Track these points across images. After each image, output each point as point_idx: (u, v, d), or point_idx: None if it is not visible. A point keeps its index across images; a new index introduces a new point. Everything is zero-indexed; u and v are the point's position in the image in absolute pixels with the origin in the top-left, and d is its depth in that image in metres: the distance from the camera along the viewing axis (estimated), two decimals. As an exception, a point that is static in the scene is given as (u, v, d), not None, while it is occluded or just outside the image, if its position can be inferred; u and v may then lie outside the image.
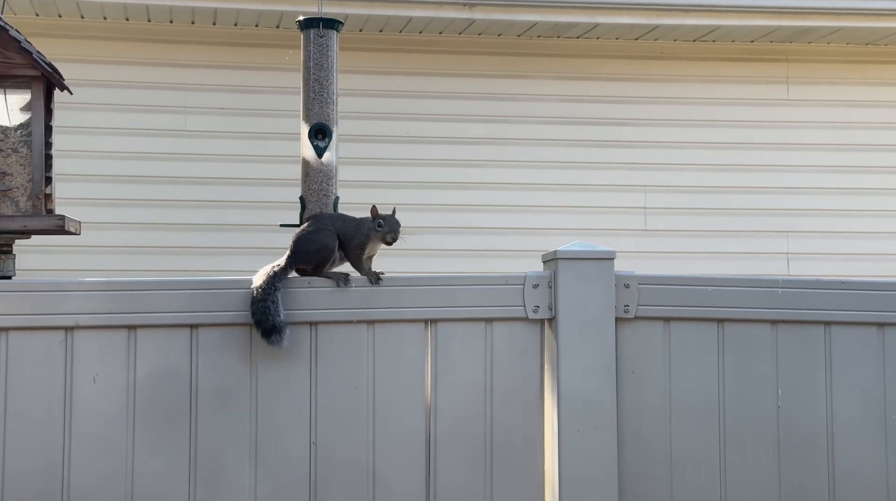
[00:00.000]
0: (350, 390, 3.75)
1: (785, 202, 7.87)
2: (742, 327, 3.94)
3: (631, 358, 3.86)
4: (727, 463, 3.90)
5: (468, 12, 7.25)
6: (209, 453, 3.67)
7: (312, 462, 3.72)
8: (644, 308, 3.87)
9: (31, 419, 3.60)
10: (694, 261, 7.61)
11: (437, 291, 3.83)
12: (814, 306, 3.98)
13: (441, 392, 3.80)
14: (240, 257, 7.01)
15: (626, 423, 3.84)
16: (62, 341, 3.62)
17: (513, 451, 3.82)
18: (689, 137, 7.85)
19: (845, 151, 7.95)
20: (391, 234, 3.85)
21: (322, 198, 4.76)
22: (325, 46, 4.80)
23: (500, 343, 3.84)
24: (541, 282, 3.83)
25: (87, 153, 7.18)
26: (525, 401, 3.84)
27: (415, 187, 7.51)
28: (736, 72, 7.93)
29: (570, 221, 7.58)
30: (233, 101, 7.44)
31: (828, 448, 3.95)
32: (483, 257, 7.49)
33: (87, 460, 3.61)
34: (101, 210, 7.03)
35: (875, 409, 3.98)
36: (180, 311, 3.69)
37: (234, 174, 7.39)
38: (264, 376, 3.72)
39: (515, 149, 7.69)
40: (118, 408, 3.64)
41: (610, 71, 7.83)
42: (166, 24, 7.37)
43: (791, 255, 7.85)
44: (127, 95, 7.35)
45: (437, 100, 7.66)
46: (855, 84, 8.00)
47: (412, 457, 3.78)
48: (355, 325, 3.78)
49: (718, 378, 3.93)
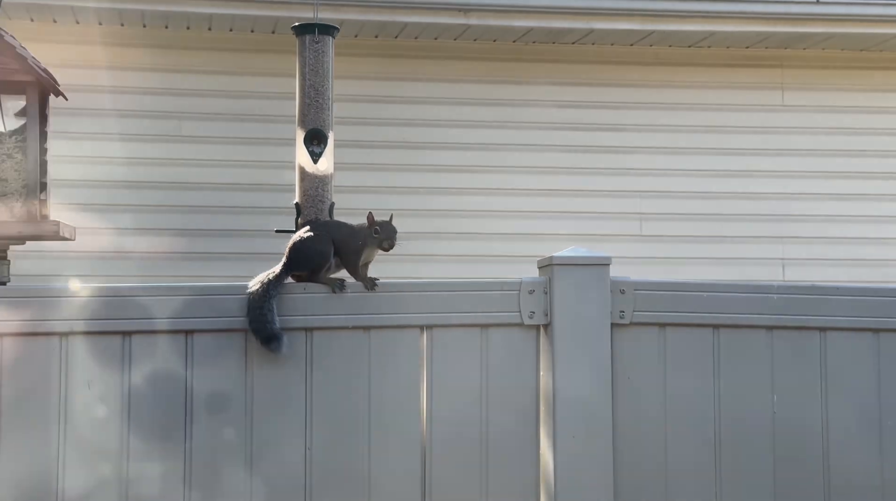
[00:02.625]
0: (346, 395, 3.75)
1: (780, 208, 7.87)
2: (737, 332, 3.94)
3: (626, 364, 3.86)
4: (722, 469, 3.90)
5: (463, 18, 7.25)
6: (204, 459, 3.67)
7: (308, 467, 3.71)
8: (639, 314, 3.87)
9: (25, 424, 3.59)
10: (689, 267, 7.61)
11: (433, 297, 3.83)
12: (809, 312, 3.98)
13: (437, 398, 3.79)
14: (235, 263, 7.01)
15: (622, 429, 3.84)
16: (57, 346, 3.62)
17: (508, 457, 3.82)
18: (685, 142, 7.85)
19: (840, 156, 7.95)
20: (388, 241, 3.85)
21: (317, 204, 4.77)
22: (320, 52, 4.81)
23: (495, 349, 3.83)
24: (536, 288, 3.83)
25: (82, 159, 7.16)
26: (521, 407, 3.83)
27: (410, 193, 7.50)
28: (731, 78, 7.93)
29: (566, 226, 7.57)
30: (228, 106, 7.43)
31: (823, 454, 3.95)
32: (479, 263, 7.48)
33: (81, 465, 3.60)
34: (96, 216, 7.02)
35: (870, 415, 3.98)
36: (175, 317, 3.68)
37: (229, 180, 7.38)
38: (259, 381, 3.71)
39: (511, 154, 7.69)
40: (113, 414, 3.63)
41: (605, 77, 7.83)
42: (161, 29, 7.36)
43: (786, 261, 7.85)
44: (122, 100, 7.34)
45: (432, 105, 7.66)
46: (850, 90, 8.00)
47: (408, 462, 3.77)
48: (351, 331, 3.77)
49: (714, 384, 3.92)
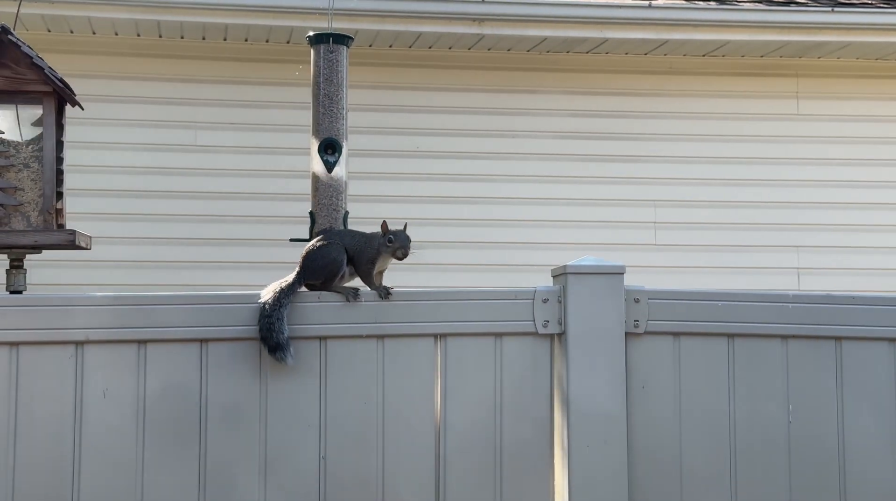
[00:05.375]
0: (360, 404, 3.75)
1: (795, 217, 7.85)
2: (752, 342, 3.93)
3: (641, 373, 3.85)
4: (738, 479, 3.88)
5: (477, 27, 7.26)
6: (219, 467, 3.67)
7: (322, 476, 3.71)
8: (654, 323, 3.86)
9: (41, 433, 3.60)
10: (704, 276, 7.60)
11: (447, 305, 3.82)
12: (825, 321, 3.97)
13: (451, 407, 3.79)
14: (249, 272, 7.02)
15: (637, 438, 3.83)
16: (72, 355, 3.63)
17: (523, 466, 3.81)
18: (699, 151, 7.84)
19: (855, 165, 7.93)
20: (402, 249, 3.85)
21: (332, 213, 4.78)
22: (334, 62, 4.81)
23: (509, 358, 3.83)
24: (550, 297, 3.83)
25: (98, 168, 7.20)
26: (535, 416, 3.83)
27: (424, 202, 7.51)
28: (745, 87, 7.93)
29: (580, 235, 7.57)
30: (243, 116, 7.46)
31: (839, 464, 3.93)
32: (493, 272, 7.48)
33: (97, 474, 3.61)
34: (112, 225, 7.05)
35: (887, 424, 3.96)
36: (190, 325, 3.69)
37: (244, 189, 7.40)
38: (274, 390, 3.72)
39: (525, 164, 7.69)
40: (128, 422, 3.64)
41: (619, 86, 7.83)
42: (177, 39, 7.39)
43: (801, 270, 7.82)
44: (138, 110, 7.37)
45: (446, 115, 7.67)
46: (865, 99, 7.99)
47: (422, 472, 3.77)
48: (365, 339, 3.77)
49: (729, 393, 3.91)
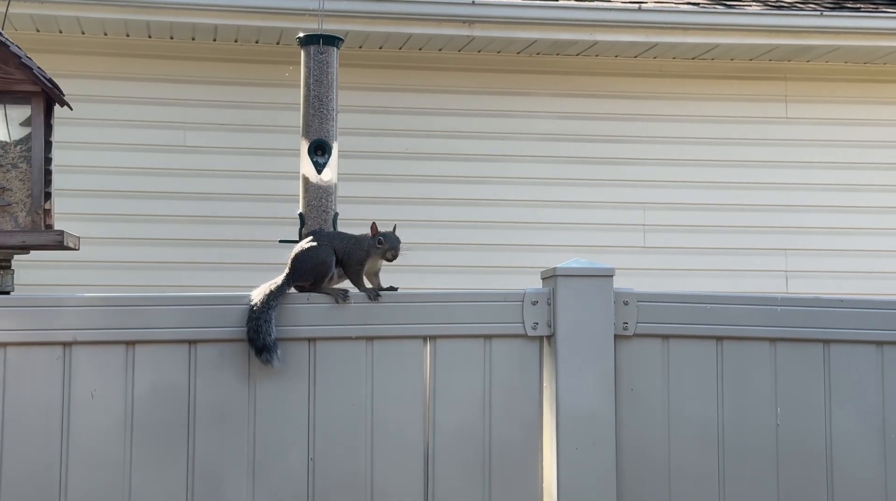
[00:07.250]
0: (349, 405, 3.75)
1: (784, 220, 7.88)
2: (741, 344, 3.93)
3: (630, 376, 3.85)
4: (726, 481, 3.89)
5: (468, 30, 7.27)
6: (207, 468, 3.66)
7: (311, 477, 3.71)
8: (643, 326, 3.86)
9: (28, 434, 3.59)
10: (693, 278, 7.61)
11: (437, 307, 3.82)
12: (813, 324, 3.97)
13: (440, 408, 3.79)
14: (239, 273, 7.02)
15: (625, 440, 3.83)
16: (60, 356, 3.62)
17: (511, 467, 3.81)
18: (688, 154, 7.86)
19: (844, 169, 7.96)
20: (391, 251, 3.84)
21: (321, 214, 4.78)
22: (325, 63, 4.81)
23: (499, 360, 3.83)
24: (540, 299, 3.83)
25: (87, 169, 7.19)
26: (524, 418, 3.83)
27: (414, 204, 7.51)
28: (735, 90, 7.95)
29: (570, 237, 7.58)
30: (232, 117, 7.45)
31: (826, 467, 3.94)
32: (482, 274, 7.49)
33: (84, 475, 3.60)
34: (101, 226, 7.03)
35: (874, 427, 3.97)
36: (179, 327, 3.68)
37: (233, 190, 7.40)
38: (262, 391, 3.71)
39: (515, 166, 7.70)
40: (116, 423, 3.63)
41: (609, 89, 7.85)
42: (167, 39, 7.38)
43: (790, 272, 7.85)
44: (127, 110, 7.36)
45: (436, 116, 7.68)
46: (853, 102, 8.01)
47: (411, 473, 3.76)
48: (354, 341, 3.77)
49: (717, 396, 3.92)
